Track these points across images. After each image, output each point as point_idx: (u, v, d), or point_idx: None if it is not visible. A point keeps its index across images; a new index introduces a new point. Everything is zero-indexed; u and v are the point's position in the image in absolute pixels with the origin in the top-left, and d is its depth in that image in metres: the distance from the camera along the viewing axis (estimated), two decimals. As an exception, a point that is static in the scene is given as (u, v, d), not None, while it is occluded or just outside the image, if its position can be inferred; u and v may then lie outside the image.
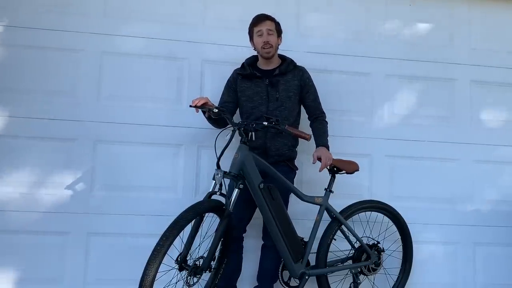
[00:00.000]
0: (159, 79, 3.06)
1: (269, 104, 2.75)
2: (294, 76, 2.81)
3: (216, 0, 3.18)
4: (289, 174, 2.76)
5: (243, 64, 2.86)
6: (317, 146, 2.73)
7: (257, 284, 2.76)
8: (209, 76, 3.11)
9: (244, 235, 2.75)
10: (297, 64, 2.89)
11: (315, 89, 2.87)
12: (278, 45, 2.83)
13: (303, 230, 2.72)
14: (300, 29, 3.25)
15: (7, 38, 2.93)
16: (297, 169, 2.87)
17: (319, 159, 2.63)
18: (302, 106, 2.90)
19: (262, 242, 2.78)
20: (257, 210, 2.71)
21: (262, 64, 2.85)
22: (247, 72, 2.80)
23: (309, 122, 2.87)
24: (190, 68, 3.10)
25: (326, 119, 2.85)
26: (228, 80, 2.88)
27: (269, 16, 2.81)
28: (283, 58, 2.88)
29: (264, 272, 2.74)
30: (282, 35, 2.85)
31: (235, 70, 2.88)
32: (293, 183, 2.79)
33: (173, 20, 3.11)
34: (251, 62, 2.87)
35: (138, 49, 3.05)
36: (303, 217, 2.87)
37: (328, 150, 2.71)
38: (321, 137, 2.76)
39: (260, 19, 2.78)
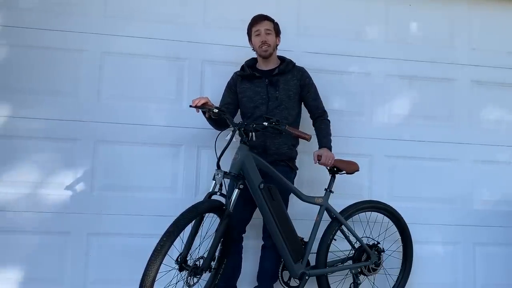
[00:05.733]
0: (159, 79, 3.06)
1: (269, 103, 2.75)
2: (293, 76, 2.82)
3: (216, 0, 3.18)
4: (289, 174, 2.76)
5: (242, 66, 2.88)
6: (319, 147, 2.74)
7: (257, 284, 2.77)
8: (209, 76, 3.11)
9: (243, 235, 2.76)
10: (297, 64, 2.89)
11: (316, 88, 2.87)
12: (277, 45, 2.84)
13: (303, 230, 2.72)
14: (300, 29, 3.25)
15: (7, 38, 2.93)
16: (297, 169, 2.87)
17: (320, 158, 2.63)
18: (303, 106, 2.90)
19: (262, 243, 2.78)
20: (257, 210, 2.72)
21: (261, 65, 2.86)
22: (247, 73, 2.81)
23: (312, 121, 2.87)
24: (190, 68, 3.10)
25: (328, 118, 2.85)
26: (228, 83, 2.89)
27: (267, 16, 2.82)
28: (282, 58, 2.88)
29: (264, 272, 2.74)
30: (282, 35, 2.87)
31: (235, 73, 2.89)
32: (293, 183, 2.79)
33: (174, 20, 3.11)
34: (251, 63, 2.88)
35: (139, 49, 3.05)
36: (303, 217, 2.87)
37: (331, 151, 2.71)
38: (324, 138, 2.76)
39: (258, 19, 2.79)
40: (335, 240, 2.78)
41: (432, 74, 3.36)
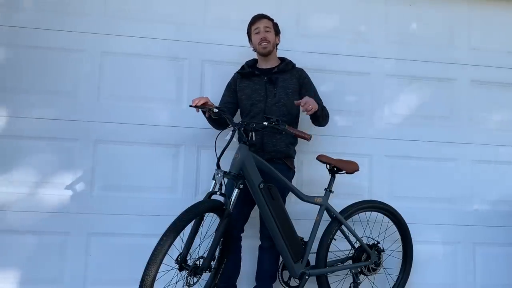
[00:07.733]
0: (159, 79, 3.06)
1: (267, 100, 2.75)
2: (292, 76, 2.83)
3: (216, 0, 3.18)
4: (287, 173, 2.75)
5: (243, 65, 2.89)
6: None
7: (256, 284, 2.76)
8: (209, 76, 3.11)
9: (242, 234, 2.75)
10: (297, 64, 2.90)
11: (315, 88, 2.87)
12: (277, 44, 2.85)
13: (303, 230, 2.72)
14: (300, 29, 3.25)
15: (7, 38, 2.93)
16: (294, 168, 2.86)
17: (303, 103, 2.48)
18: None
19: (259, 242, 2.78)
20: (254, 209, 2.73)
21: (261, 64, 2.88)
22: (246, 71, 2.83)
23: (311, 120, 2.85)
24: (190, 68, 3.10)
25: (329, 114, 2.83)
26: (229, 82, 2.91)
27: (266, 15, 2.85)
28: (282, 59, 2.90)
29: (263, 273, 2.74)
30: (282, 35, 2.89)
31: (235, 72, 2.90)
32: (291, 182, 2.78)
33: (173, 20, 3.12)
34: (251, 63, 2.90)
35: (138, 49, 3.05)
36: (303, 217, 2.87)
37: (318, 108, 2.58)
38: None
39: (257, 18, 2.83)
40: (335, 240, 2.78)
41: (432, 74, 3.36)
